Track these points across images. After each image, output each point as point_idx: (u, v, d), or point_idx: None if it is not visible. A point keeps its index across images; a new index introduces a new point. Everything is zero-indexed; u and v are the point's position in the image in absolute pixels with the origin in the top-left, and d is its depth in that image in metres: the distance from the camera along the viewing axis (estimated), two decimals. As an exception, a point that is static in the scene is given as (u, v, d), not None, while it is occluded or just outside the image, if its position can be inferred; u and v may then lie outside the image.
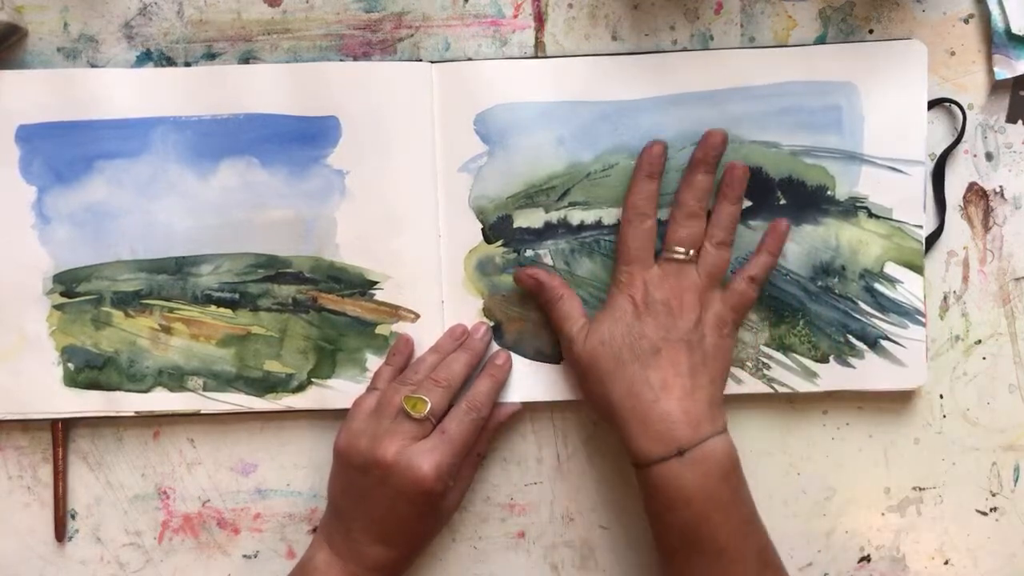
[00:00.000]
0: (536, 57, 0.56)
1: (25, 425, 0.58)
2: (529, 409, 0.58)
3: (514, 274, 0.55)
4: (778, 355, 0.56)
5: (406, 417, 0.52)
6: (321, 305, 0.57)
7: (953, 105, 0.56)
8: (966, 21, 0.56)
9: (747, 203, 0.55)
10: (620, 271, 0.53)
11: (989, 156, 0.57)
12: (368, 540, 0.52)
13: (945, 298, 0.57)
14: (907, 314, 0.56)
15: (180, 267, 0.56)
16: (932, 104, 0.56)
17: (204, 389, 0.57)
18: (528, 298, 0.56)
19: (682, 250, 0.52)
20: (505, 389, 0.57)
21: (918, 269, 0.56)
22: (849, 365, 0.56)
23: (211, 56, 0.57)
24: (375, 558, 0.52)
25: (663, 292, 0.52)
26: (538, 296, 0.55)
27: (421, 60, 0.56)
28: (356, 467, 0.52)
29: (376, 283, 0.56)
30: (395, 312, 0.57)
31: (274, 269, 0.56)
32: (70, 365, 0.57)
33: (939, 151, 0.56)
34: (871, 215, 0.55)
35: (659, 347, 0.51)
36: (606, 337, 0.52)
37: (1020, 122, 0.56)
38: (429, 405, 0.52)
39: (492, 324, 0.57)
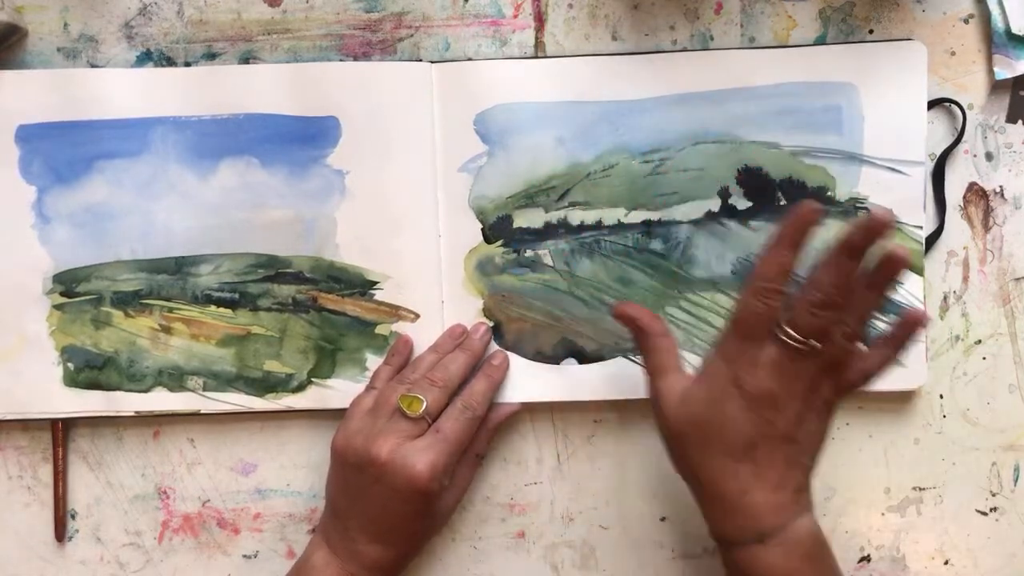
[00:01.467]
0: (536, 57, 0.56)
1: (25, 425, 0.58)
2: (529, 409, 0.58)
3: (614, 309, 0.52)
4: (778, 355, 0.56)
5: (402, 416, 0.52)
6: (321, 305, 0.57)
7: (953, 105, 0.56)
8: (966, 21, 0.56)
9: (747, 203, 0.56)
10: (729, 341, 0.46)
11: (989, 156, 0.57)
12: (365, 539, 0.52)
13: (945, 298, 0.57)
14: (907, 314, 0.56)
15: (180, 267, 0.56)
16: (932, 104, 0.56)
17: (204, 389, 0.57)
18: (528, 298, 0.56)
19: (804, 340, 0.45)
20: (505, 389, 0.57)
21: (918, 270, 0.56)
22: (849, 365, 0.56)
23: (211, 56, 0.57)
24: (372, 557, 0.52)
25: (771, 382, 0.45)
26: (635, 336, 0.51)
27: (421, 60, 0.56)
28: (352, 466, 0.52)
29: (376, 283, 0.56)
30: (395, 312, 0.57)
31: (274, 269, 0.56)
32: (70, 365, 0.57)
33: (939, 151, 0.56)
34: (871, 215, 0.55)
35: (755, 443, 0.46)
36: (699, 416, 0.46)
37: (1020, 122, 0.56)
38: (425, 404, 0.52)
39: (492, 324, 0.57)
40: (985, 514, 0.58)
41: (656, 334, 0.50)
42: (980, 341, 0.57)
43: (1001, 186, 0.57)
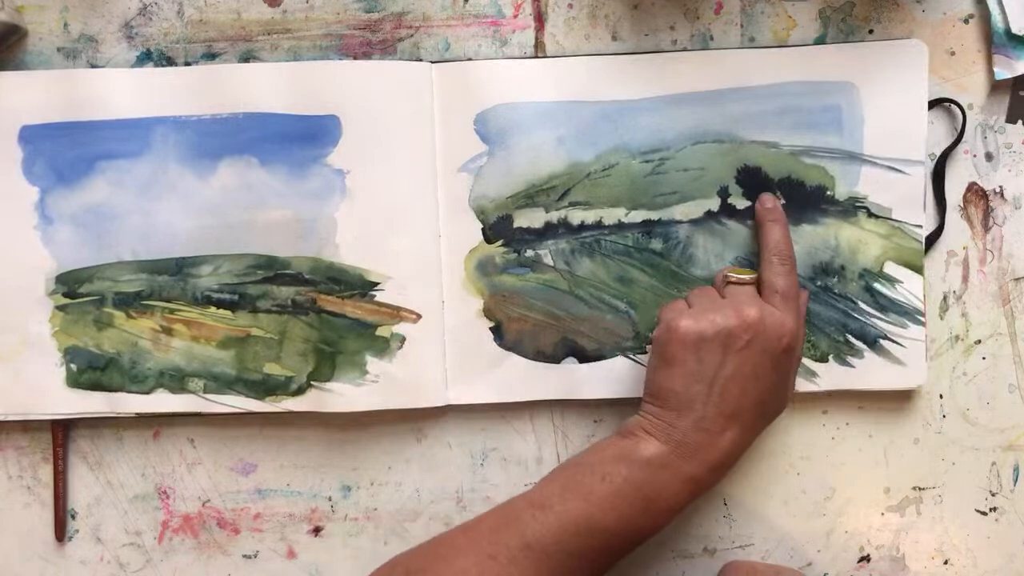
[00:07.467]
0: (536, 57, 0.56)
1: (25, 425, 0.58)
2: (529, 409, 0.58)
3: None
4: (778, 355, 0.56)
5: (737, 286, 0.52)
6: (320, 307, 0.57)
7: (953, 105, 0.56)
8: (966, 21, 0.56)
9: (746, 203, 0.56)
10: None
11: (989, 156, 0.57)
12: (720, 426, 0.49)
13: (945, 298, 0.57)
14: (907, 314, 0.56)
15: (180, 268, 0.57)
16: (932, 104, 0.56)
17: (204, 391, 0.57)
18: (528, 298, 0.56)
19: None
20: (505, 389, 0.57)
21: (918, 269, 0.56)
22: (849, 365, 0.56)
23: (211, 56, 0.57)
24: (723, 448, 0.49)
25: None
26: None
27: (421, 60, 0.56)
28: (711, 340, 0.49)
29: (376, 284, 0.56)
30: (396, 313, 0.57)
31: (273, 270, 0.56)
32: (72, 366, 0.57)
33: (939, 151, 0.56)
34: (871, 215, 0.55)
35: None
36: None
37: (1020, 122, 0.56)
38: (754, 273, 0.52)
39: (492, 324, 0.57)
40: (985, 514, 0.58)
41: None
42: (980, 341, 0.57)
43: (1001, 186, 0.57)
